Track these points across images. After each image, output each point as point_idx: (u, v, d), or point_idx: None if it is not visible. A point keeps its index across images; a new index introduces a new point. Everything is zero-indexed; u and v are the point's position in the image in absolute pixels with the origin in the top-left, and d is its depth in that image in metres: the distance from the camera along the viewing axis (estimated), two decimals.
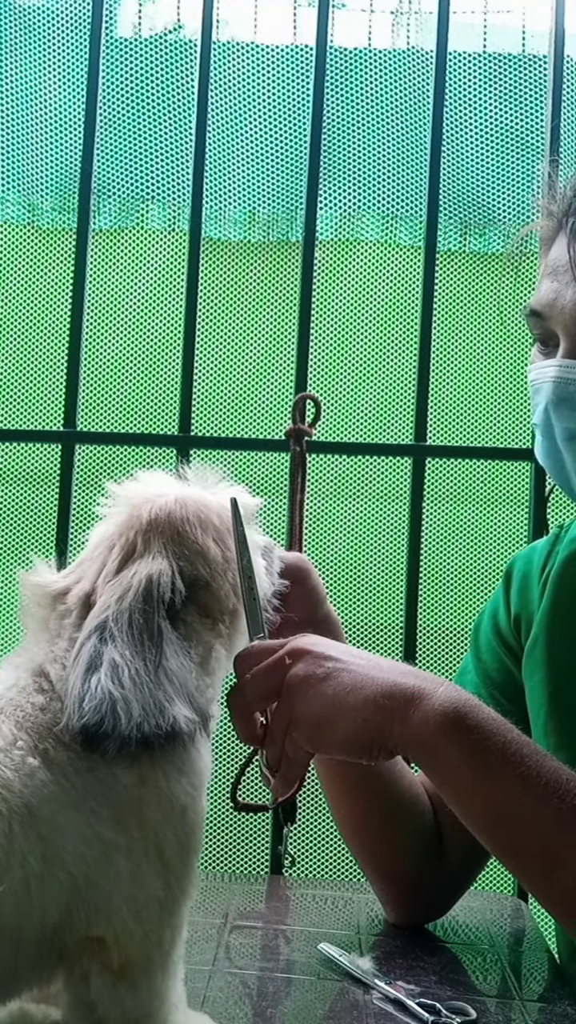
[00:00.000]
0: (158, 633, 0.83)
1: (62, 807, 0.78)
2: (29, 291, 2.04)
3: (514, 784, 0.90)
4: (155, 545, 0.87)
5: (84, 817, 0.79)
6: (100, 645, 0.81)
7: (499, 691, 1.24)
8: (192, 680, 0.84)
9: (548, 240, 1.11)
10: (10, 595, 1.90)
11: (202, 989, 1.04)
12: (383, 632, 1.89)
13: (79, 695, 0.79)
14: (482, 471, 2.00)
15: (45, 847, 0.77)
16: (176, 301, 1.81)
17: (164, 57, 1.99)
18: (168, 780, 0.83)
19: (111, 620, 0.82)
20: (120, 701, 0.77)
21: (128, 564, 0.87)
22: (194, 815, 0.84)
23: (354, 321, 2.04)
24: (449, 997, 1.04)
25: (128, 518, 0.90)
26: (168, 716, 0.79)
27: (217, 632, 0.90)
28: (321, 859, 1.88)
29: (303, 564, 1.12)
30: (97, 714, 0.77)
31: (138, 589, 0.84)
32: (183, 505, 0.90)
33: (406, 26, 2.07)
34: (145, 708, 0.78)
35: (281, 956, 1.16)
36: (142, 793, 0.81)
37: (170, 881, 0.83)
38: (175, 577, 0.86)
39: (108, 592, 0.85)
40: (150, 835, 0.81)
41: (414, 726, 0.91)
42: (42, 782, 0.78)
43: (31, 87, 1.99)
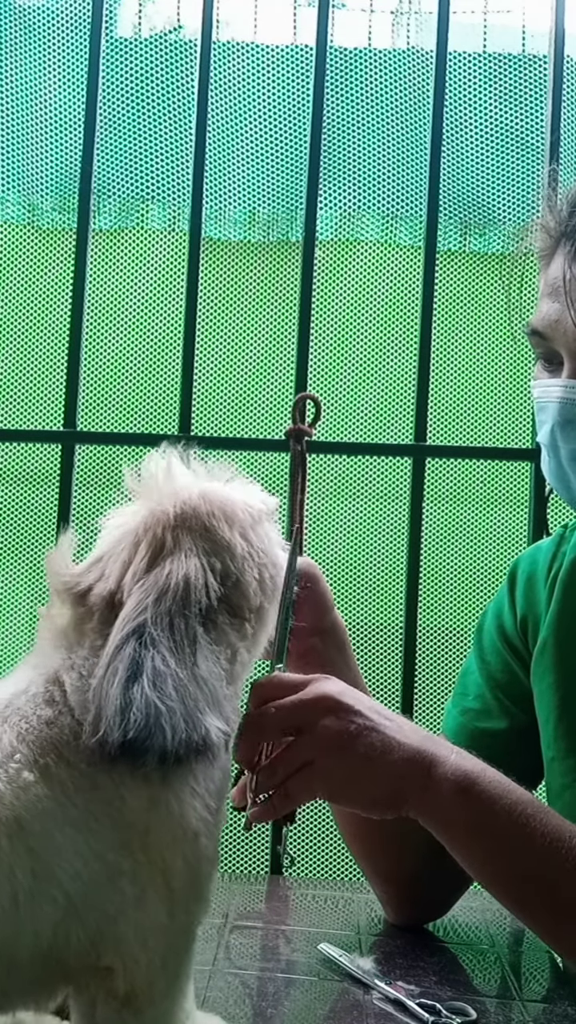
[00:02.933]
0: (195, 640, 0.79)
1: (58, 824, 0.75)
2: (29, 291, 2.04)
3: (521, 843, 0.95)
4: (185, 542, 0.83)
5: (83, 836, 0.76)
6: (141, 651, 0.76)
7: (503, 692, 1.24)
8: (222, 688, 0.80)
9: (546, 256, 1.09)
10: (10, 595, 1.90)
11: (202, 989, 1.04)
12: (383, 632, 1.89)
13: (121, 706, 0.74)
14: (482, 471, 2.00)
15: (35, 862, 0.74)
16: (176, 301, 1.81)
17: (164, 57, 1.99)
18: (181, 804, 0.78)
19: (150, 623, 0.78)
20: (165, 714, 0.74)
21: (157, 562, 0.83)
22: (208, 841, 0.80)
23: (354, 321, 2.04)
24: (449, 997, 1.04)
25: (152, 513, 0.85)
26: (201, 728, 0.76)
27: (243, 633, 0.87)
28: (321, 859, 1.88)
29: (311, 570, 1.11)
30: (144, 728, 0.73)
31: (176, 591, 0.80)
32: (208, 500, 0.86)
33: (406, 26, 2.08)
34: (187, 720, 0.75)
35: (281, 956, 1.16)
36: (150, 817, 0.77)
37: (175, 909, 0.79)
38: (208, 575, 0.83)
39: (141, 592, 0.80)
40: (156, 860, 0.78)
41: (429, 793, 0.95)
42: (36, 797, 0.75)
43: (31, 87, 1.99)
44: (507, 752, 1.21)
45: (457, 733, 1.24)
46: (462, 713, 1.25)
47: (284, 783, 0.93)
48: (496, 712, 1.23)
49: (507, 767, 1.18)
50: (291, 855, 1.06)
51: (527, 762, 1.21)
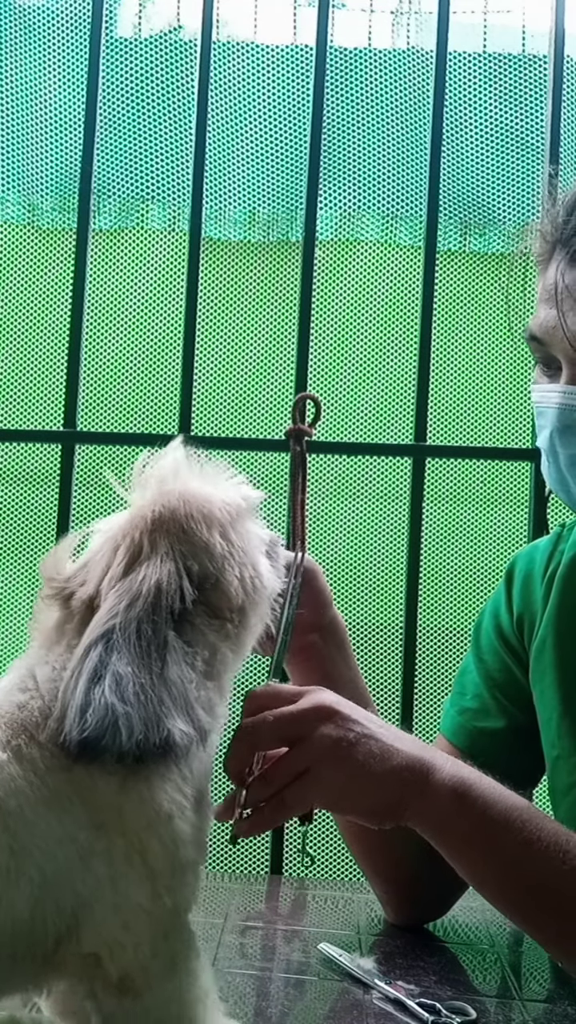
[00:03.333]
0: (163, 644, 0.81)
1: (31, 803, 0.77)
2: (29, 291, 2.04)
3: (518, 849, 0.95)
4: (162, 545, 0.85)
5: (56, 816, 0.77)
6: (106, 655, 0.78)
7: (501, 691, 1.24)
8: (192, 691, 0.81)
9: (543, 262, 1.10)
10: (10, 595, 1.90)
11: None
12: (383, 632, 1.89)
13: (81, 706, 0.77)
14: (482, 471, 2.00)
15: (12, 839, 0.76)
16: (176, 301, 1.81)
17: (164, 57, 1.99)
18: (151, 789, 0.80)
19: (118, 629, 0.80)
20: (122, 716, 0.76)
21: (134, 566, 0.84)
22: (183, 824, 0.81)
23: (354, 321, 2.04)
24: (449, 997, 1.04)
25: (132, 517, 0.87)
26: (163, 729, 0.77)
27: (224, 633, 0.87)
28: (321, 859, 1.88)
29: (310, 565, 1.11)
30: (98, 728, 0.75)
31: (147, 597, 0.81)
32: (186, 501, 0.87)
33: (406, 26, 2.08)
34: (146, 723, 0.76)
35: (281, 956, 1.16)
36: (121, 800, 0.79)
37: (159, 891, 0.79)
38: (183, 579, 0.83)
39: (115, 598, 0.82)
40: (133, 841, 0.79)
41: (427, 799, 0.95)
42: (10, 776, 0.77)
43: (31, 87, 1.99)
44: (505, 751, 1.21)
45: (455, 732, 1.24)
46: (460, 713, 1.25)
47: (280, 793, 0.93)
48: (494, 711, 1.23)
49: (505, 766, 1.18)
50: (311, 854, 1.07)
51: (525, 762, 1.21)
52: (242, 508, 0.90)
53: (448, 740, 1.24)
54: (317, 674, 1.12)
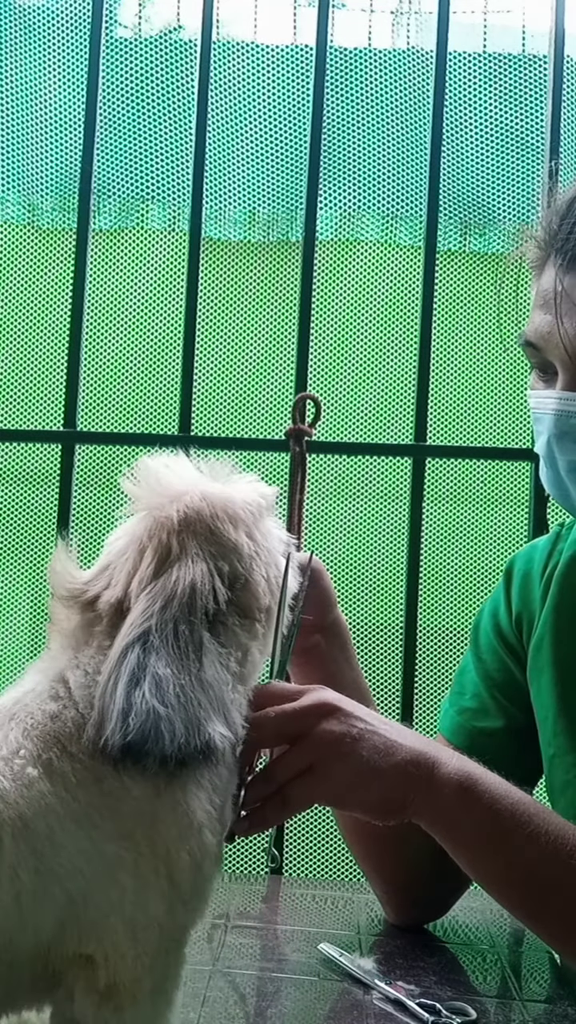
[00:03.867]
0: (200, 645, 0.79)
1: (60, 821, 0.75)
2: (29, 291, 2.04)
3: (524, 843, 0.95)
4: (191, 546, 0.83)
5: (85, 832, 0.76)
6: (144, 657, 0.77)
7: (499, 691, 1.24)
8: (228, 693, 0.80)
9: (538, 268, 1.10)
10: (10, 595, 1.90)
11: (202, 989, 1.04)
12: (383, 632, 1.89)
13: (122, 710, 0.75)
14: (482, 471, 2.00)
15: (39, 862, 0.74)
16: (176, 301, 1.81)
17: (164, 57, 1.99)
18: (186, 795, 0.78)
19: (154, 630, 0.78)
20: (165, 720, 0.74)
21: (164, 568, 0.83)
22: (211, 836, 0.80)
23: (354, 321, 2.04)
24: (449, 997, 1.04)
25: (156, 519, 0.85)
26: (204, 733, 0.76)
27: (254, 633, 0.87)
28: (321, 859, 1.88)
29: (316, 566, 1.10)
30: (142, 732, 0.74)
31: (182, 597, 0.80)
32: (210, 501, 0.86)
33: (406, 26, 2.08)
34: (188, 726, 0.75)
35: (281, 956, 1.16)
36: (156, 806, 0.77)
37: (176, 905, 0.78)
38: (216, 579, 0.82)
39: (148, 599, 0.81)
40: (161, 853, 0.77)
41: (432, 793, 0.95)
42: (40, 793, 0.75)
43: (31, 87, 1.99)
44: (505, 751, 1.21)
45: (454, 732, 1.24)
46: (459, 712, 1.25)
47: (281, 790, 0.92)
48: (493, 711, 1.23)
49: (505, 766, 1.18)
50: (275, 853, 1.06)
51: (525, 761, 1.21)
52: (262, 506, 0.90)
53: (447, 739, 1.24)
54: (319, 674, 1.12)
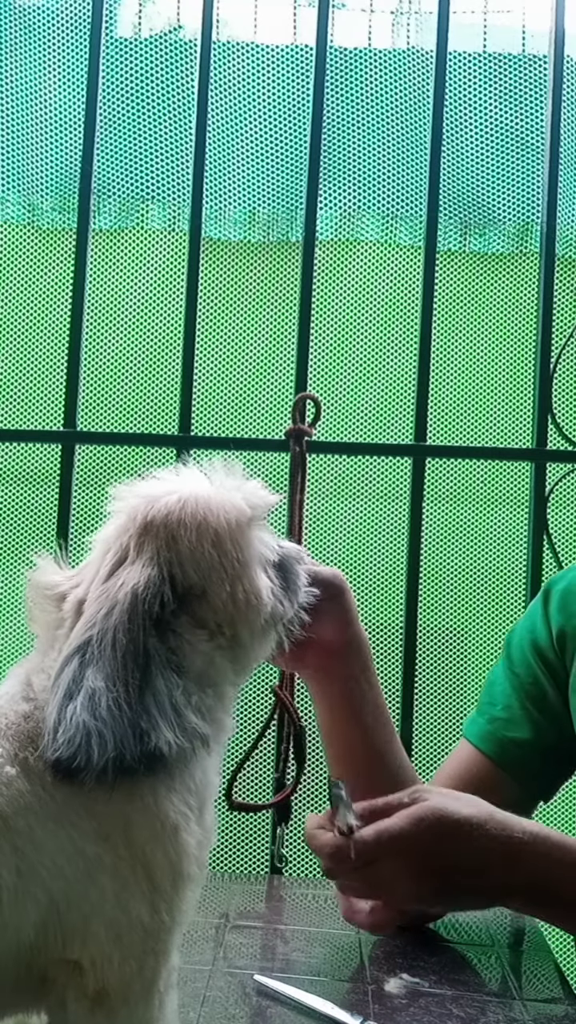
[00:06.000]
0: (143, 653, 0.78)
1: (40, 820, 0.75)
2: (29, 291, 2.04)
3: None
4: (147, 550, 0.82)
5: (65, 832, 0.76)
6: (80, 670, 0.77)
7: (532, 703, 1.25)
8: (180, 698, 0.79)
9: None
10: (10, 595, 1.90)
11: (202, 989, 1.04)
12: (383, 632, 1.89)
13: (53, 725, 0.75)
14: (482, 471, 2.00)
15: (20, 860, 0.74)
16: (176, 301, 1.81)
17: (164, 57, 1.99)
18: (156, 798, 0.78)
19: (94, 640, 0.78)
20: (95, 734, 0.74)
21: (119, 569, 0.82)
22: (187, 836, 0.79)
23: (354, 321, 2.04)
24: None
25: (126, 519, 0.85)
26: (148, 742, 0.75)
27: (216, 644, 0.84)
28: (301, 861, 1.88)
29: (338, 581, 1.09)
30: (70, 747, 0.74)
31: (124, 604, 0.79)
32: (183, 506, 0.84)
33: (406, 26, 2.07)
34: (122, 739, 0.74)
35: (280, 956, 1.16)
36: (128, 809, 0.77)
37: (159, 906, 0.77)
38: (164, 586, 0.80)
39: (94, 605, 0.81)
40: (138, 854, 0.77)
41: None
42: (19, 792, 0.75)
43: (31, 87, 1.99)
44: (531, 762, 1.22)
45: (483, 739, 1.25)
46: (490, 722, 1.26)
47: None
48: (523, 722, 1.24)
49: (530, 776, 1.20)
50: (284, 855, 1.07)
51: (548, 774, 1.23)
52: (245, 516, 0.85)
53: (475, 745, 1.25)
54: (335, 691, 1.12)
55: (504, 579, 1.94)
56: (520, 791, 1.23)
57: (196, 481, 0.88)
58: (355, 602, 1.13)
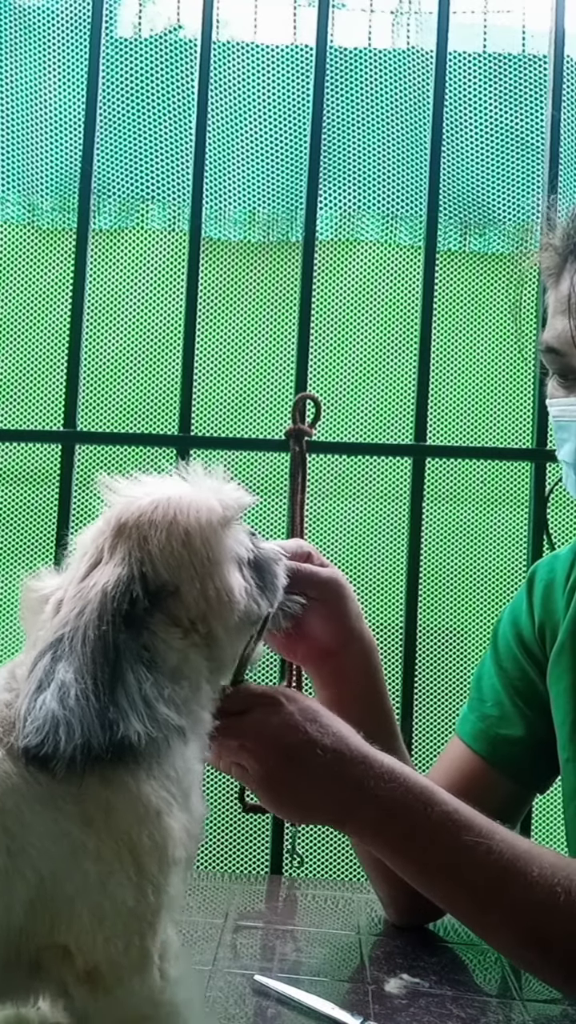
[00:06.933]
0: (113, 648, 0.80)
1: (27, 801, 0.77)
2: (29, 291, 2.04)
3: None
4: (120, 551, 0.85)
5: (50, 814, 0.78)
6: (52, 664, 0.80)
7: (521, 698, 1.24)
8: (151, 691, 0.81)
9: (554, 274, 1.10)
10: (10, 595, 1.90)
11: (202, 989, 1.04)
12: (383, 632, 1.89)
13: (24, 714, 0.78)
14: (482, 471, 2.00)
15: (11, 841, 0.76)
16: (176, 301, 1.81)
17: (164, 57, 1.99)
18: (138, 783, 0.80)
19: (66, 637, 0.81)
20: (62, 722, 0.76)
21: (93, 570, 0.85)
22: (171, 820, 0.81)
23: (354, 321, 2.04)
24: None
25: (104, 522, 0.87)
26: (116, 731, 0.77)
27: (190, 641, 0.86)
28: (321, 859, 1.88)
29: (334, 584, 1.09)
30: (38, 735, 0.76)
31: (94, 603, 0.82)
32: (155, 507, 0.86)
33: (406, 26, 2.07)
34: (89, 728, 0.76)
35: (281, 956, 1.16)
36: (109, 795, 0.79)
37: (145, 889, 0.79)
38: (135, 584, 0.83)
39: (69, 604, 0.83)
40: (123, 838, 0.79)
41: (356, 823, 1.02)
42: (5, 773, 0.77)
43: (31, 87, 1.99)
44: (525, 758, 1.22)
45: (475, 738, 1.25)
46: (481, 719, 1.25)
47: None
48: (515, 718, 1.24)
49: (524, 772, 1.20)
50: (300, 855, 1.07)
51: (543, 768, 1.23)
52: (216, 515, 0.87)
53: (467, 744, 1.25)
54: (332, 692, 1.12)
55: (504, 579, 1.94)
56: (515, 788, 1.23)
57: (175, 484, 0.90)
58: (357, 606, 1.12)
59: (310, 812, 1.02)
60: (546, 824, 1.76)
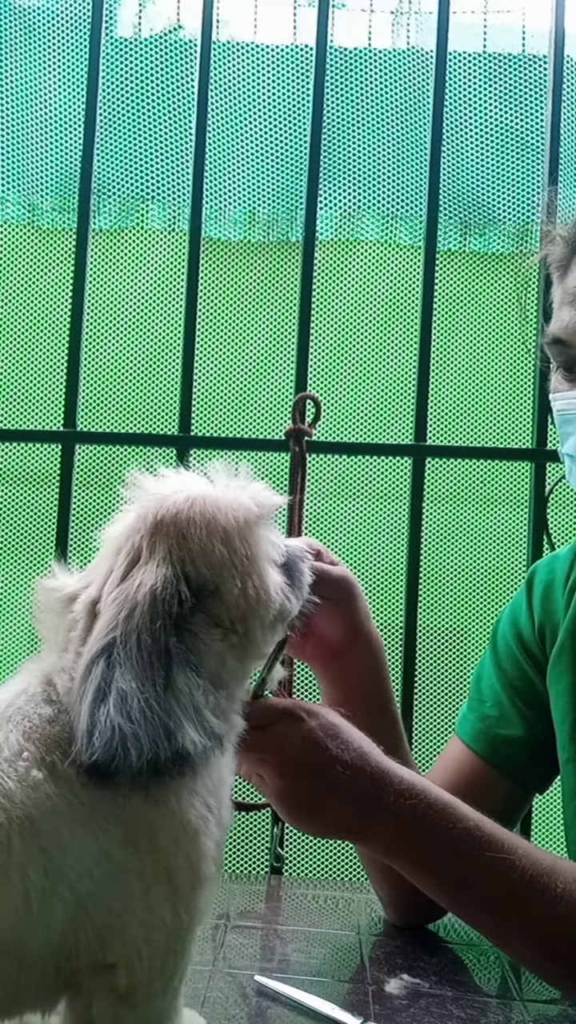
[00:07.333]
0: (166, 653, 0.79)
1: (67, 822, 0.76)
2: (29, 291, 2.04)
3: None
4: (160, 550, 0.83)
5: (92, 834, 0.77)
6: (108, 671, 0.77)
7: (520, 698, 1.24)
8: (200, 698, 0.80)
9: (562, 266, 1.10)
10: (10, 595, 1.90)
11: (202, 989, 1.04)
12: (383, 632, 1.89)
13: (87, 728, 0.76)
14: (482, 471, 2.00)
15: (47, 861, 0.75)
16: (176, 301, 1.81)
17: (164, 57, 1.99)
18: (180, 802, 0.80)
19: (119, 642, 0.79)
20: (130, 736, 0.74)
21: (133, 570, 0.83)
22: (207, 840, 0.81)
23: (354, 321, 2.04)
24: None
25: (136, 519, 0.85)
26: (176, 742, 0.76)
27: (229, 643, 0.85)
28: (321, 859, 1.88)
29: (346, 582, 1.09)
30: (108, 750, 0.74)
31: (144, 606, 0.80)
32: (191, 505, 0.85)
33: (406, 26, 2.07)
34: (155, 739, 0.75)
35: (280, 956, 1.16)
36: (153, 814, 0.79)
37: (178, 908, 0.79)
38: (180, 584, 0.81)
39: (113, 606, 0.81)
40: (161, 859, 0.78)
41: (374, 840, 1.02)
42: (46, 795, 0.76)
43: (31, 87, 1.99)
44: (524, 758, 1.22)
45: (475, 738, 1.25)
46: (481, 719, 1.25)
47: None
48: (514, 718, 1.24)
49: (524, 772, 1.19)
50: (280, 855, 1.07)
51: (542, 768, 1.22)
52: (252, 514, 0.87)
53: (467, 744, 1.25)
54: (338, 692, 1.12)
55: (504, 579, 1.94)
56: (514, 788, 1.23)
57: (201, 482, 0.89)
58: (366, 605, 1.12)
59: (328, 828, 1.02)
60: (546, 824, 1.76)
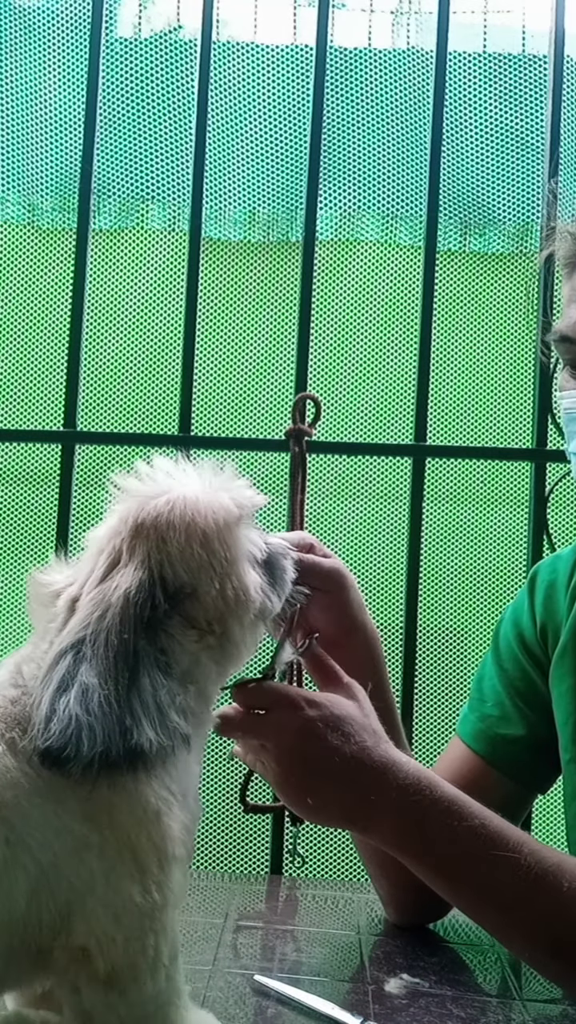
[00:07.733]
0: (133, 654, 0.81)
1: (27, 794, 0.78)
2: (29, 291, 2.04)
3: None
4: (139, 553, 0.85)
5: (51, 807, 0.78)
6: (75, 665, 0.80)
7: (521, 699, 1.24)
8: (165, 698, 0.81)
9: (570, 263, 1.10)
10: (10, 595, 1.90)
11: (202, 989, 1.04)
12: (383, 632, 1.89)
13: (46, 715, 0.78)
14: (482, 471, 2.00)
15: (9, 831, 0.76)
16: (176, 301, 1.81)
17: (164, 57, 1.99)
18: (138, 784, 0.81)
19: (88, 640, 0.81)
20: (86, 727, 0.77)
21: (113, 572, 0.85)
22: (170, 820, 0.82)
23: (354, 321, 2.04)
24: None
25: (119, 521, 0.87)
26: (130, 739, 0.78)
27: (205, 643, 0.87)
28: (321, 859, 1.88)
29: (337, 574, 1.09)
30: (61, 738, 0.76)
31: (117, 608, 0.82)
32: (171, 508, 0.86)
33: (406, 26, 2.07)
34: (109, 734, 0.77)
35: (280, 956, 1.16)
36: (110, 794, 0.80)
37: (148, 886, 0.80)
38: (156, 588, 0.83)
39: (89, 606, 0.83)
40: (123, 836, 0.80)
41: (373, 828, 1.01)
42: (5, 767, 0.78)
43: (31, 87, 1.99)
44: (525, 758, 1.22)
45: (476, 738, 1.25)
46: (481, 719, 1.25)
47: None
48: (515, 719, 1.24)
49: (525, 772, 1.20)
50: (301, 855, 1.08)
51: (543, 769, 1.22)
52: (232, 515, 0.88)
53: (468, 744, 1.25)
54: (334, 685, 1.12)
55: (504, 579, 1.94)
56: (516, 788, 1.23)
57: (187, 481, 0.90)
58: (359, 596, 1.12)
59: (327, 817, 1.02)
60: (546, 824, 1.76)
